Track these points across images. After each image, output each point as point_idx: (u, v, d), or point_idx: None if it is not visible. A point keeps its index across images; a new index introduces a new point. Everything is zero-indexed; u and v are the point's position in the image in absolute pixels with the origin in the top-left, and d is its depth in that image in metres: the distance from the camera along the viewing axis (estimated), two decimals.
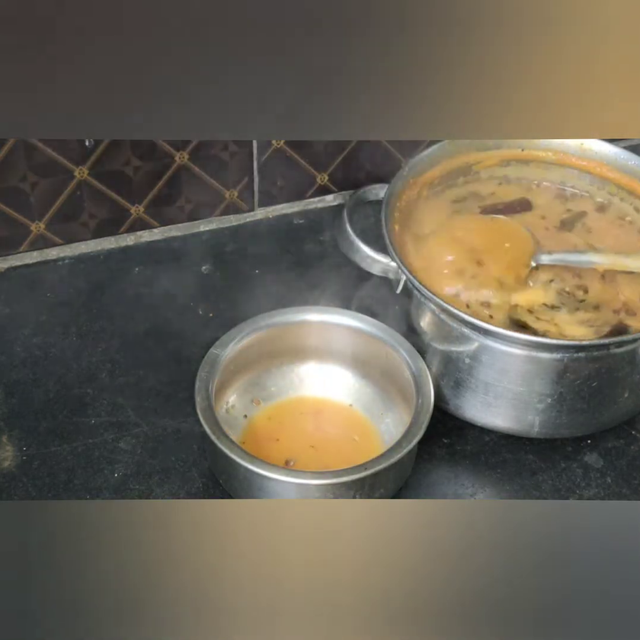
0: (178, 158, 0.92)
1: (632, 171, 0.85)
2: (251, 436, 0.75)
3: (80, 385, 0.82)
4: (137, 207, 0.93)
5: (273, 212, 1.00)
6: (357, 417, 0.78)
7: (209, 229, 0.97)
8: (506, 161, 0.88)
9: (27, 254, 0.92)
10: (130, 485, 0.74)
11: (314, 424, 0.78)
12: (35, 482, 0.74)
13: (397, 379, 0.76)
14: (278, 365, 0.80)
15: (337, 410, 0.78)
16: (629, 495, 0.75)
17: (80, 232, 0.93)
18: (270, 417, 0.77)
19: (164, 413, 0.80)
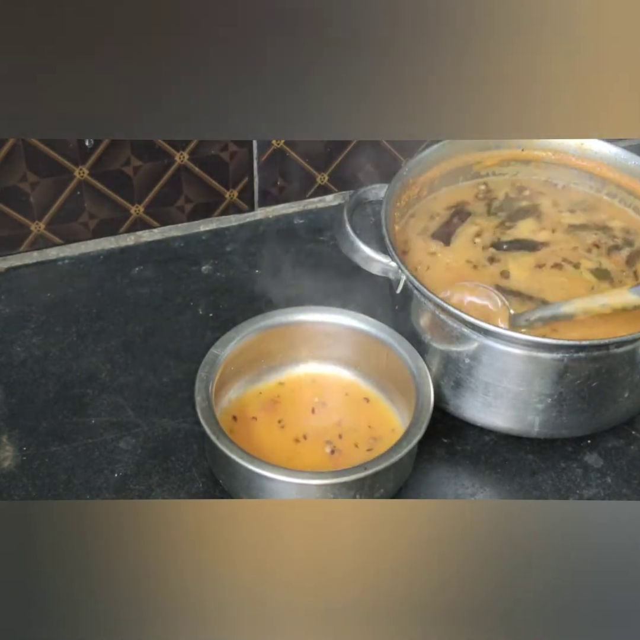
0: (178, 158, 0.92)
1: (632, 171, 0.85)
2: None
3: (80, 385, 0.82)
4: (137, 207, 0.93)
5: (273, 212, 1.00)
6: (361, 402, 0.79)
7: (209, 229, 0.97)
8: (506, 161, 0.88)
9: (27, 254, 0.92)
10: (130, 485, 0.74)
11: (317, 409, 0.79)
12: (35, 482, 0.74)
13: (397, 379, 0.76)
14: (278, 366, 0.80)
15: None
16: (629, 495, 0.75)
17: (80, 232, 0.93)
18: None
19: (164, 413, 0.80)
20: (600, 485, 0.76)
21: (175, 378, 0.82)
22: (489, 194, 0.87)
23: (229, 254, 0.95)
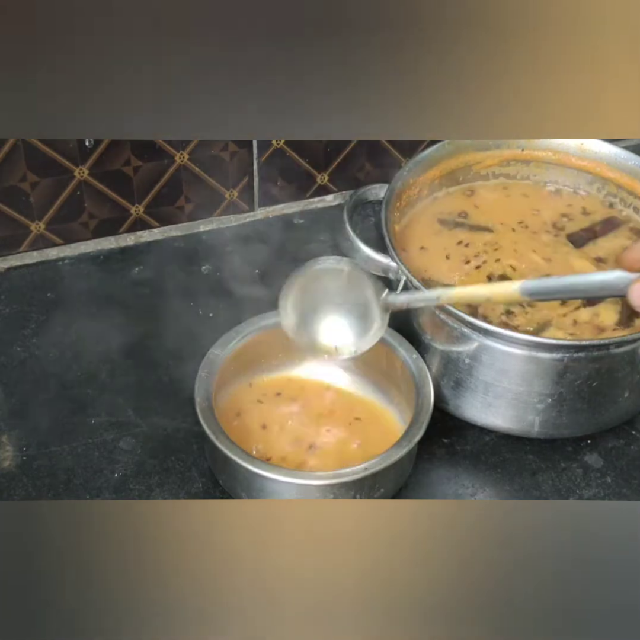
0: (178, 158, 0.92)
1: (632, 171, 0.85)
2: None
3: (80, 385, 0.82)
4: (137, 207, 0.93)
5: (273, 212, 1.00)
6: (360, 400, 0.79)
7: (209, 229, 0.97)
8: (506, 161, 0.88)
9: (27, 254, 0.92)
10: (130, 485, 0.74)
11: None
12: (35, 482, 0.74)
13: (397, 379, 0.76)
14: (277, 366, 0.80)
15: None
16: (629, 495, 0.75)
17: (80, 232, 0.93)
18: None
19: (164, 413, 0.80)
20: (600, 485, 0.76)
21: (175, 378, 0.82)
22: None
23: (229, 254, 0.95)
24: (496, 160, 0.88)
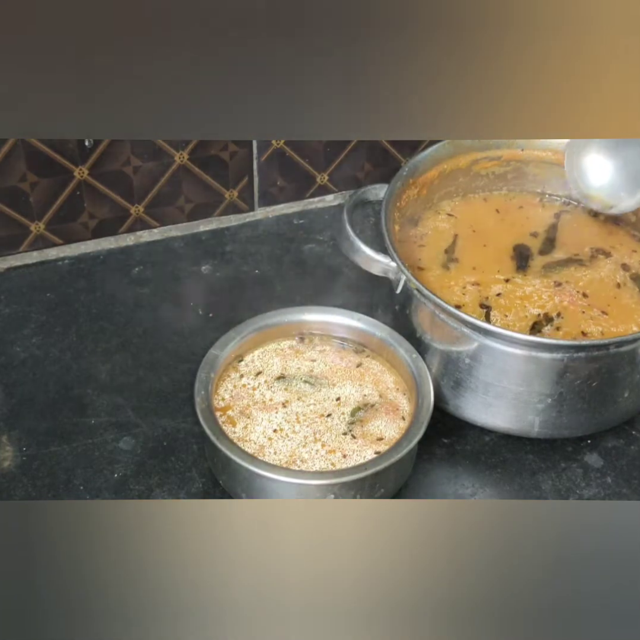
0: (178, 158, 0.92)
1: None
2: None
3: (80, 385, 0.82)
4: (137, 207, 0.93)
5: (273, 212, 1.00)
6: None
7: (209, 229, 0.97)
8: (506, 161, 0.88)
9: (27, 254, 0.92)
10: (130, 485, 0.74)
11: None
12: (35, 482, 0.74)
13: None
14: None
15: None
16: (629, 495, 0.75)
17: (80, 232, 0.93)
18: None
19: (164, 413, 0.80)
20: (600, 485, 0.76)
21: (175, 378, 0.82)
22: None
23: (229, 254, 0.95)
24: (496, 161, 0.88)
